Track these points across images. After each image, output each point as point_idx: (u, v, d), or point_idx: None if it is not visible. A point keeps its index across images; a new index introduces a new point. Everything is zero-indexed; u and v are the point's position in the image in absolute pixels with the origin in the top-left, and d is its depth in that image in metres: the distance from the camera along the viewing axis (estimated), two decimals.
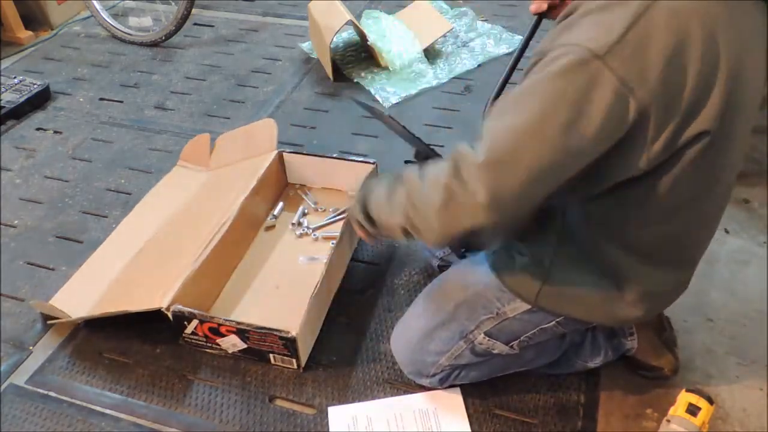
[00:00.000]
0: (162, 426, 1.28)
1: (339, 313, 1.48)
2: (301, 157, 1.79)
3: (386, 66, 2.36)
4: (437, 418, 1.25)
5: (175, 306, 1.34)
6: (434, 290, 1.24)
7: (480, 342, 1.16)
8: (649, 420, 1.24)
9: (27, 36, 2.69)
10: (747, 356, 1.34)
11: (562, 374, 1.32)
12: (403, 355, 1.26)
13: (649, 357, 1.29)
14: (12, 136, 2.14)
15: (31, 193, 1.89)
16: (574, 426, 1.24)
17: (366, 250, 1.65)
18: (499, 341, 1.16)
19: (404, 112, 2.17)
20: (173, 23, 2.53)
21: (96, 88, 2.38)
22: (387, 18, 2.52)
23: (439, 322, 1.18)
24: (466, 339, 1.16)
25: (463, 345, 1.17)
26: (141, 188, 1.87)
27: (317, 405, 1.30)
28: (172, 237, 1.60)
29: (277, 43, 2.63)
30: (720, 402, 1.26)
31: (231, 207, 1.59)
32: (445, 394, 1.28)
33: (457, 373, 1.24)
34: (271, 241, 1.67)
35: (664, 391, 1.29)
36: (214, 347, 1.39)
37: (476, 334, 1.15)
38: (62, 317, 1.43)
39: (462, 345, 1.17)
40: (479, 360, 1.21)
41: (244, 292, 1.53)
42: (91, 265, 1.60)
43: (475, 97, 2.23)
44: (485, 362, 1.22)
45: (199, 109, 2.25)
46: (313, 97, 2.28)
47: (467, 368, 1.24)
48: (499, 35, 2.55)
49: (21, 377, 1.38)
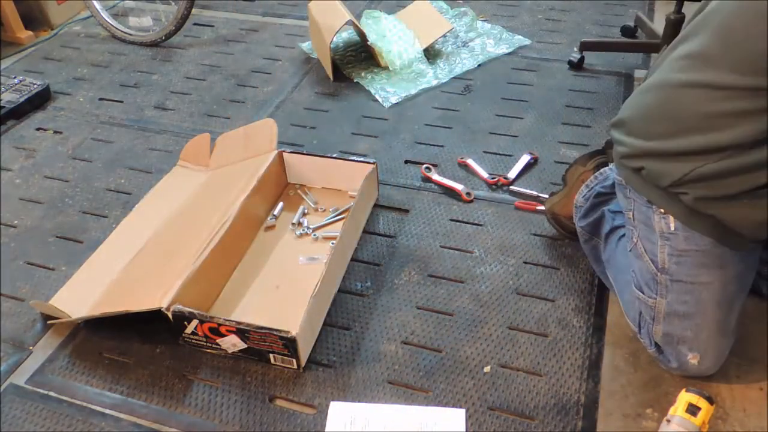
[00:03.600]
0: (162, 426, 1.28)
1: (339, 313, 1.48)
2: (301, 157, 1.79)
3: (386, 66, 2.36)
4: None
5: (175, 306, 1.34)
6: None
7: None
8: (649, 420, 1.24)
9: (27, 36, 2.69)
10: (747, 356, 1.34)
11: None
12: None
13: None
14: (12, 136, 2.14)
15: (31, 193, 1.89)
16: (573, 426, 1.24)
17: (366, 250, 1.65)
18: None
19: (404, 112, 2.17)
20: (173, 23, 2.53)
21: (96, 88, 2.38)
22: (387, 18, 2.53)
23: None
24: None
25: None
26: (141, 188, 1.87)
27: (317, 405, 1.30)
28: (172, 237, 1.61)
29: (277, 43, 2.63)
30: (720, 402, 1.26)
31: (231, 207, 1.59)
32: (448, 409, 1.28)
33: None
34: (271, 241, 1.67)
35: (664, 391, 1.29)
36: (214, 347, 1.39)
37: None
38: (62, 317, 1.44)
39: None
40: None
41: (244, 292, 1.53)
42: (91, 265, 1.60)
43: (475, 97, 2.23)
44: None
45: (199, 109, 2.25)
46: (313, 97, 2.28)
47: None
48: (499, 35, 2.56)
49: (21, 377, 1.38)
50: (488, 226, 1.70)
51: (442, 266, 1.59)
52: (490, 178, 1.84)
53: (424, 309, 1.49)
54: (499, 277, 1.55)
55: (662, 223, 1.25)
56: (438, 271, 1.58)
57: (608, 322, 1.44)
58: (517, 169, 1.86)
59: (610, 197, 1.48)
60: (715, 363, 1.28)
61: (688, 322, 1.26)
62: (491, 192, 1.81)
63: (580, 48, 2.35)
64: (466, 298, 1.51)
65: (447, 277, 1.56)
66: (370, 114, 2.17)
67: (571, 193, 1.55)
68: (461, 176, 1.87)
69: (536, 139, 2.01)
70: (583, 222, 1.49)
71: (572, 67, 2.36)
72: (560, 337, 1.41)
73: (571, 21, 2.68)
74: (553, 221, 1.63)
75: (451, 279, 1.56)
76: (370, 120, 2.14)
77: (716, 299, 1.24)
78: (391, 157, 1.97)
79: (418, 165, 1.92)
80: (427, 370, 1.36)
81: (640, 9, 2.63)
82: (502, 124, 2.09)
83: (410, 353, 1.39)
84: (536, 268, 1.58)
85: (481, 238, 1.66)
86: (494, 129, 2.07)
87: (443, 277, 1.56)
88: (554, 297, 1.50)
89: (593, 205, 1.47)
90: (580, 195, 1.50)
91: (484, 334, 1.42)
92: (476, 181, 1.85)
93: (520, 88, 2.27)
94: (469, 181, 1.85)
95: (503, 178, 1.83)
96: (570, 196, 1.56)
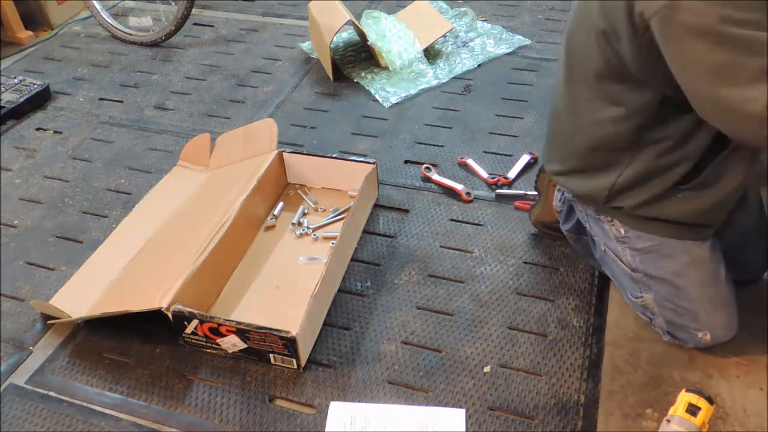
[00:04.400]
0: (162, 426, 1.28)
1: (339, 313, 1.48)
2: (301, 157, 1.79)
3: (386, 66, 2.36)
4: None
5: (175, 306, 1.34)
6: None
7: None
8: (649, 420, 1.24)
9: (27, 36, 2.69)
10: (747, 356, 1.34)
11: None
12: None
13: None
14: (12, 136, 2.14)
15: (31, 193, 1.89)
16: (573, 426, 1.24)
17: (366, 250, 1.65)
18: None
19: (404, 112, 2.17)
20: (173, 23, 2.53)
21: (96, 88, 2.38)
22: (387, 18, 2.52)
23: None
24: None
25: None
26: (141, 188, 1.87)
27: (317, 405, 1.30)
28: (172, 237, 1.61)
29: (277, 43, 2.63)
30: (720, 402, 1.26)
31: (231, 207, 1.59)
32: (448, 409, 1.28)
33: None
34: (271, 241, 1.67)
35: (664, 391, 1.29)
36: (214, 347, 1.39)
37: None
38: (62, 317, 1.44)
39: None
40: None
41: (244, 292, 1.53)
42: (91, 265, 1.60)
43: (475, 97, 2.23)
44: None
45: (199, 109, 2.25)
46: (313, 97, 2.28)
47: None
48: (499, 35, 2.55)
49: (21, 377, 1.38)
50: (488, 226, 1.70)
51: (442, 266, 1.59)
52: (490, 178, 1.84)
53: (424, 309, 1.49)
54: (499, 277, 1.55)
55: (613, 229, 1.30)
56: (438, 271, 1.58)
57: (608, 322, 1.44)
58: (517, 169, 1.86)
59: None
60: (728, 332, 1.30)
61: (681, 309, 1.28)
62: (491, 192, 1.81)
63: None
64: (466, 298, 1.51)
65: (447, 277, 1.56)
66: (370, 114, 2.17)
67: (548, 199, 1.55)
68: (461, 176, 1.87)
69: (536, 139, 2.01)
70: (567, 225, 1.49)
71: None
72: (560, 337, 1.41)
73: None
74: (545, 230, 1.63)
75: (451, 279, 1.56)
76: (370, 120, 2.14)
77: (697, 281, 1.26)
78: (391, 157, 1.97)
79: (418, 165, 1.92)
80: (427, 370, 1.36)
81: None
82: (502, 124, 2.09)
83: (410, 353, 1.39)
84: (536, 268, 1.58)
85: (481, 238, 1.66)
86: (494, 129, 2.07)
87: (443, 277, 1.56)
88: (554, 297, 1.50)
89: (570, 207, 1.47)
90: (556, 199, 1.51)
91: (484, 334, 1.42)
92: (476, 181, 1.85)
93: (520, 88, 2.27)
94: (469, 181, 1.85)
95: (503, 178, 1.83)
96: (548, 201, 1.56)
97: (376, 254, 1.64)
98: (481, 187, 1.83)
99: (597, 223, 1.34)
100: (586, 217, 1.37)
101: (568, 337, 1.41)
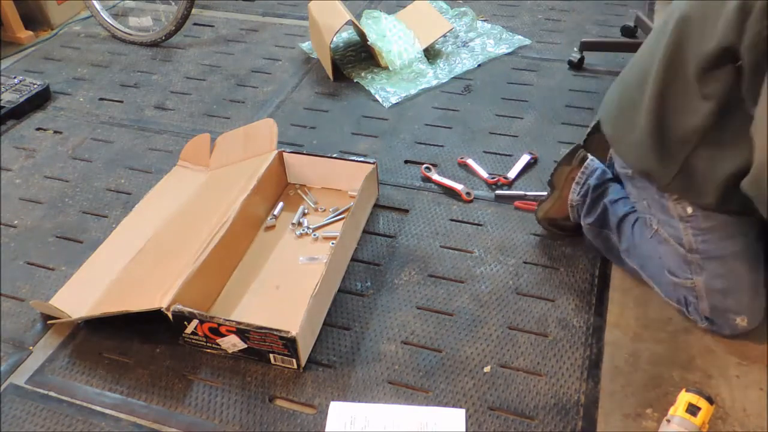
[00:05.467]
0: (162, 426, 1.28)
1: (339, 313, 1.48)
2: (301, 157, 1.79)
3: (386, 66, 2.36)
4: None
5: (175, 306, 1.34)
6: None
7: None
8: (649, 420, 1.24)
9: (27, 36, 2.69)
10: (747, 356, 1.34)
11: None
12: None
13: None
14: (12, 136, 2.14)
15: (31, 193, 1.89)
16: (573, 426, 1.24)
17: (366, 250, 1.65)
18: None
19: (404, 112, 2.17)
20: (173, 23, 2.53)
21: (96, 88, 2.38)
22: (387, 18, 2.53)
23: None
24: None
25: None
26: (141, 188, 1.87)
27: (317, 405, 1.30)
28: (172, 237, 1.61)
29: (277, 43, 2.63)
30: (720, 402, 1.26)
31: (231, 207, 1.59)
32: (448, 409, 1.28)
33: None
34: (271, 241, 1.67)
35: (664, 391, 1.29)
36: (214, 347, 1.39)
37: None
38: (62, 317, 1.44)
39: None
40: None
41: (244, 292, 1.53)
42: (91, 265, 1.60)
43: (475, 97, 2.23)
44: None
45: (199, 109, 2.25)
46: (313, 97, 2.28)
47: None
48: (499, 35, 2.56)
49: (21, 377, 1.38)
50: (488, 226, 1.70)
51: (442, 266, 1.59)
52: (490, 177, 1.84)
53: (424, 309, 1.49)
54: (499, 277, 1.55)
55: (678, 208, 1.30)
56: (438, 271, 1.58)
57: (608, 322, 1.44)
58: (517, 169, 1.86)
59: (605, 188, 1.51)
60: (760, 318, 1.33)
61: (729, 293, 1.31)
62: (491, 192, 1.81)
63: (580, 48, 2.35)
64: (466, 298, 1.51)
65: (447, 277, 1.56)
66: (370, 114, 2.17)
67: (563, 194, 1.56)
68: (461, 176, 1.87)
69: (536, 139, 2.01)
70: (590, 219, 1.50)
71: (572, 67, 2.36)
72: (560, 337, 1.41)
73: (571, 21, 2.68)
74: (551, 227, 1.63)
75: (451, 279, 1.56)
76: (370, 120, 2.14)
77: (747, 265, 1.30)
78: (391, 157, 1.97)
79: (418, 165, 1.92)
80: (427, 370, 1.36)
81: (640, 9, 2.62)
82: (502, 124, 2.09)
83: (410, 353, 1.39)
84: (536, 268, 1.58)
85: (481, 238, 1.66)
86: (494, 129, 2.07)
87: (443, 277, 1.56)
88: (554, 297, 1.50)
89: (593, 200, 1.48)
90: (573, 194, 1.51)
91: (484, 334, 1.42)
92: (476, 181, 1.85)
93: (520, 88, 2.27)
94: (469, 181, 1.85)
95: (503, 178, 1.83)
96: (562, 197, 1.56)
97: (376, 254, 1.64)
98: (481, 187, 1.83)
99: (659, 201, 1.35)
100: (644, 194, 1.38)
101: (568, 337, 1.41)
